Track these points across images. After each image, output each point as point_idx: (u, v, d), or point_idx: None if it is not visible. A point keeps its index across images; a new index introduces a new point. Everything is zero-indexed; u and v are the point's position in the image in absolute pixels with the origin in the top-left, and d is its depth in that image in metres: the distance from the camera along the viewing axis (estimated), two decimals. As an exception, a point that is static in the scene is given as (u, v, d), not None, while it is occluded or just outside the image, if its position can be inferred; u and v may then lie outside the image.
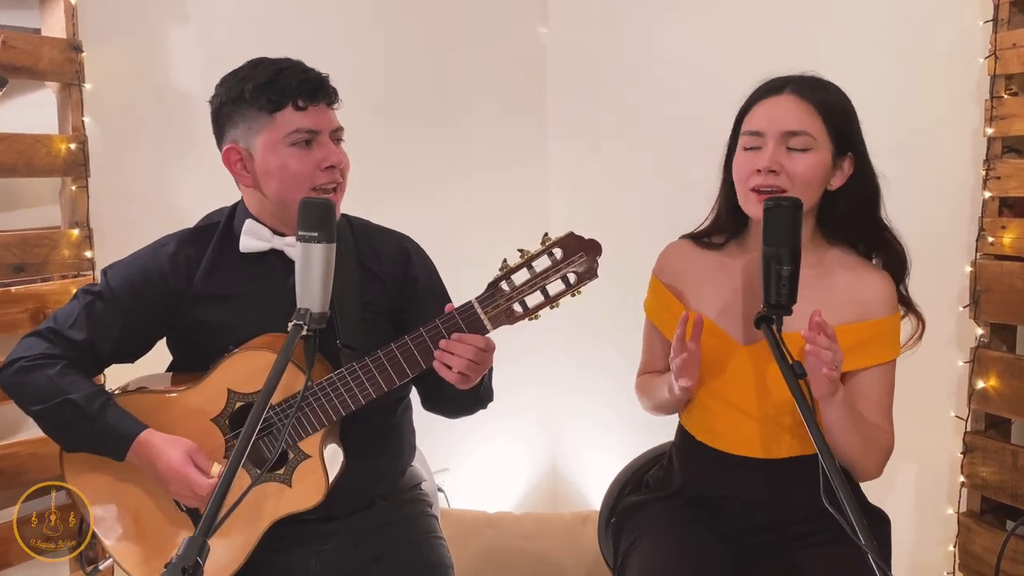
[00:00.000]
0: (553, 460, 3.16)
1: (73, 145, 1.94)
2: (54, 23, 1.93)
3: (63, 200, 1.99)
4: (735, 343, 1.54)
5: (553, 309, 1.41)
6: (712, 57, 2.49)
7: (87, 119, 1.97)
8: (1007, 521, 2.03)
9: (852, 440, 1.43)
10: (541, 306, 1.40)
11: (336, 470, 1.50)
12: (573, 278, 1.39)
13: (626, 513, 1.67)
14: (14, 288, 1.88)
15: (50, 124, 1.97)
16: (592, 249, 1.38)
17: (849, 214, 1.52)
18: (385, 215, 1.73)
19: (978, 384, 1.97)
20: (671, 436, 1.74)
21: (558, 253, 1.38)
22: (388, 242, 1.67)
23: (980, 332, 1.98)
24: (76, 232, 1.96)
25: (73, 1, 1.91)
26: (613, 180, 2.84)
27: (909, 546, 2.10)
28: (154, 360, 1.62)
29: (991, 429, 2.01)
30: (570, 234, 1.38)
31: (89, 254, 1.98)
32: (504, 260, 1.40)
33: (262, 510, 1.46)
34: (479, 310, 1.40)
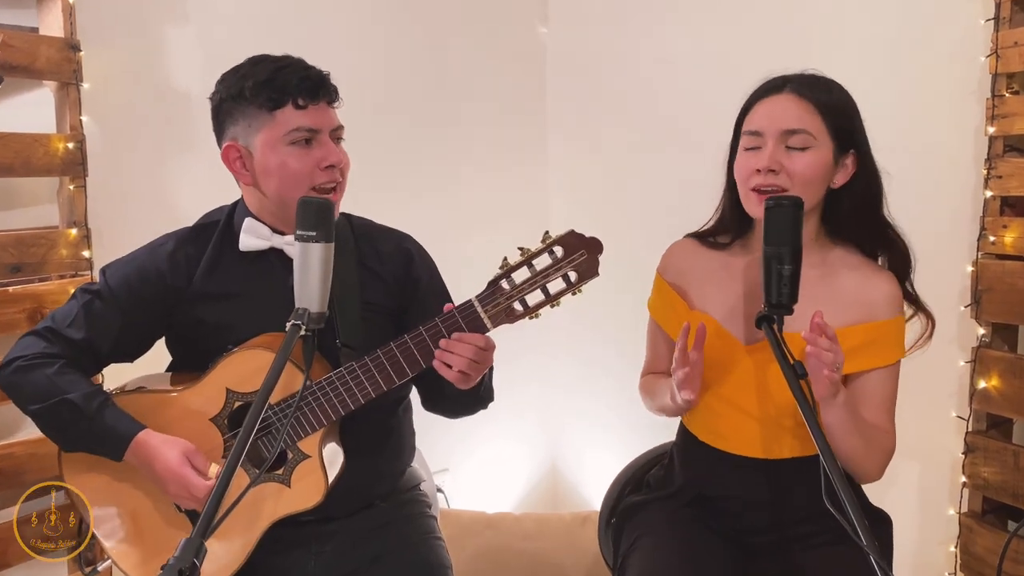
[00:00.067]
0: (553, 460, 3.15)
1: (71, 144, 1.93)
2: (52, 22, 1.92)
3: (61, 200, 1.99)
4: (738, 343, 1.53)
5: (554, 308, 1.39)
6: (712, 57, 2.48)
7: (85, 118, 1.97)
8: (1008, 521, 2.02)
9: (854, 442, 1.42)
10: (542, 305, 1.39)
11: (336, 470, 1.49)
12: (574, 276, 1.37)
13: (626, 513, 1.66)
14: (11, 288, 1.87)
15: (48, 123, 1.96)
16: (593, 247, 1.37)
17: (852, 212, 1.51)
18: (385, 215, 1.73)
19: (979, 384, 1.97)
20: (671, 436, 1.74)
21: (559, 251, 1.37)
22: (389, 242, 1.66)
23: (981, 332, 1.98)
24: (74, 232, 1.95)
25: (71, 0, 1.91)
26: (613, 180, 2.84)
27: (910, 546, 2.09)
28: (153, 360, 1.62)
29: (992, 429, 2.00)
30: (571, 232, 1.37)
31: (87, 254, 1.97)
32: (504, 258, 1.39)
33: (261, 511, 1.46)
34: (479, 309, 1.39)
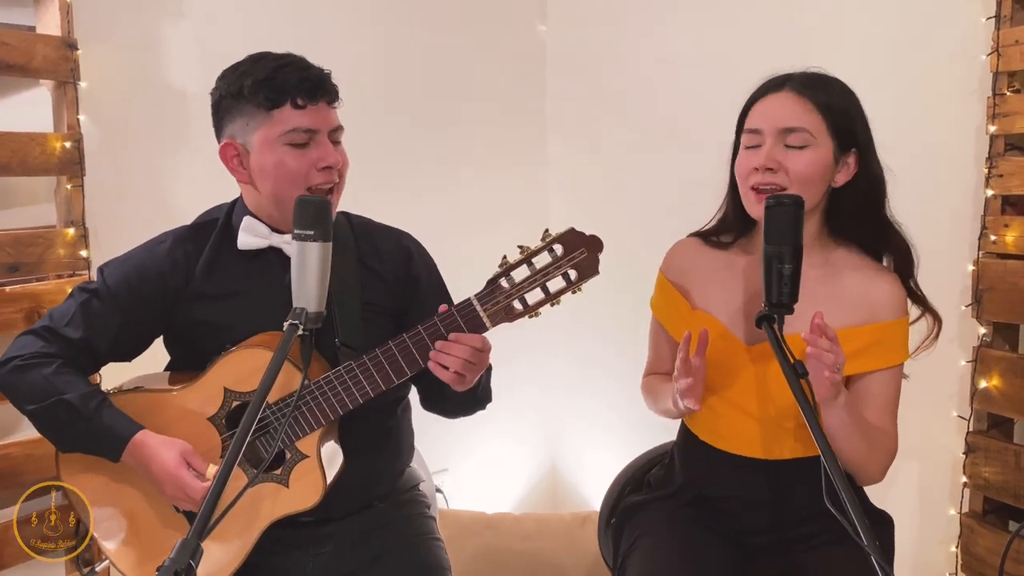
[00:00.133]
0: (553, 460, 3.15)
1: (68, 143, 1.92)
2: (49, 21, 1.92)
3: (58, 199, 1.98)
4: (740, 344, 1.53)
5: (554, 306, 1.38)
6: (712, 57, 2.48)
7: (82, 117, 1.96)
8: (1009, 522, 2.02)
9: (855, 444, 1.42)
10: (541, 303, 1.38)
11: (335, 470, 1.48)
12: (574, 275, 1.36)
13: (626, 513, 1.66)
14: (9, 288, 1.87)
15: (45, 122, 1.96)
16: (593, 245, 1.36)
17: (854, 212, 1.50)
18: (385, 215, 1.72)
19: (980, 384, 1.96)
20: (671, 436, 1.73)
21: (559, 249, 1.36)
22: (389, 240, 1.65)
23: (983, 331, 1.97)
24: (71, 231, 1.95)
25: (68, -2, 1.90)
26: (613, 180, 2.83)
27: (911, 546, 2.08)
28: (151, 359, 1.61)
29: (994, 429, 2.00)
30: (571, 230, 1.36)
31: (85, 253, 1.96)
32: (504, 257, 1.38)
33: (259, 511, 1.45)
34: (478, 307, 1.38)
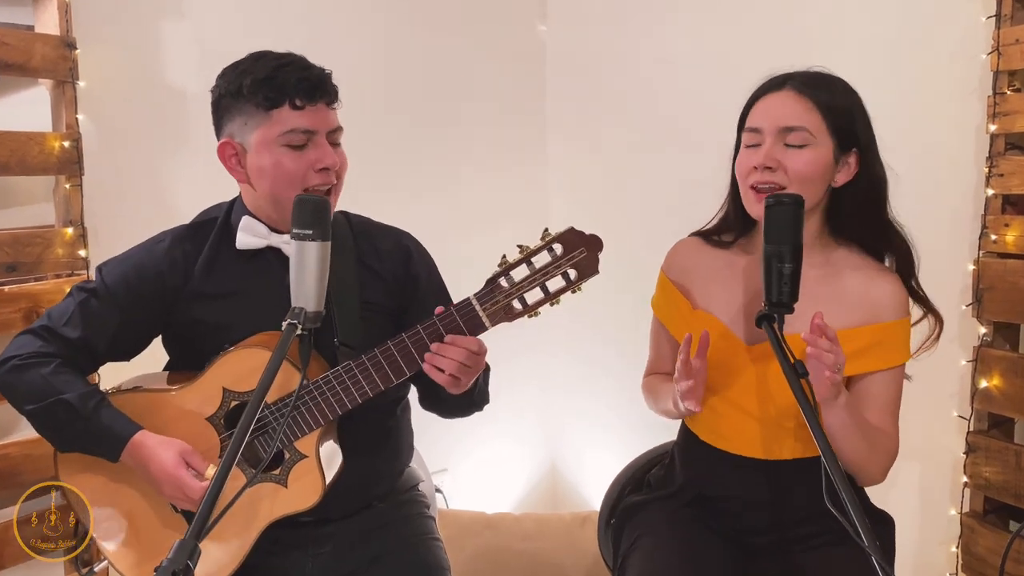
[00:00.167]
0: (553, 460, 3.14)
1: (67, 143, 1.92)
2: (47, 20, 1.91)
3: (57, 198, 1.98)
4: (741, 344, 1.52)
5: (553, 306, 1.38)
6: (712, 57, 2.47)
7: (81, 116, 1.96)
8: (1010, 522, 2.02)
9: (856, 445, 1.41)
10: (541, 303, 1.37)
11: (334, 470, 1.47)
12: (574, 274, 1.36)
13: (626, 513, 1.65)
14: (7, 287, 1.86)
15: (44, 122, 1.96)
16: (593, 245, 1.36)
17: (855, 212, 1.50)
18: (385, 215, 1.71)
19: (981, 383, 1.96)
20: (672, 436, 1.73)
21: (558, 249, 1.35)
22: (388, 239, 1.65)
23: (983, 331, 1.97)
24: (70, 231, 1.94)
25: (67, -3, 1.90)
26: (613, 180, 2.83)
27: (912, 547, 2.08)
28: (151, 359, 1.60)
29: (994, 429, 2.00)
30: (571, 229, 1.36)
31: (83, 253, 1.96)
32: (503, 256, 1.38)
33: (258, 511, 1.44)
34: (477, 307, 1.38)
